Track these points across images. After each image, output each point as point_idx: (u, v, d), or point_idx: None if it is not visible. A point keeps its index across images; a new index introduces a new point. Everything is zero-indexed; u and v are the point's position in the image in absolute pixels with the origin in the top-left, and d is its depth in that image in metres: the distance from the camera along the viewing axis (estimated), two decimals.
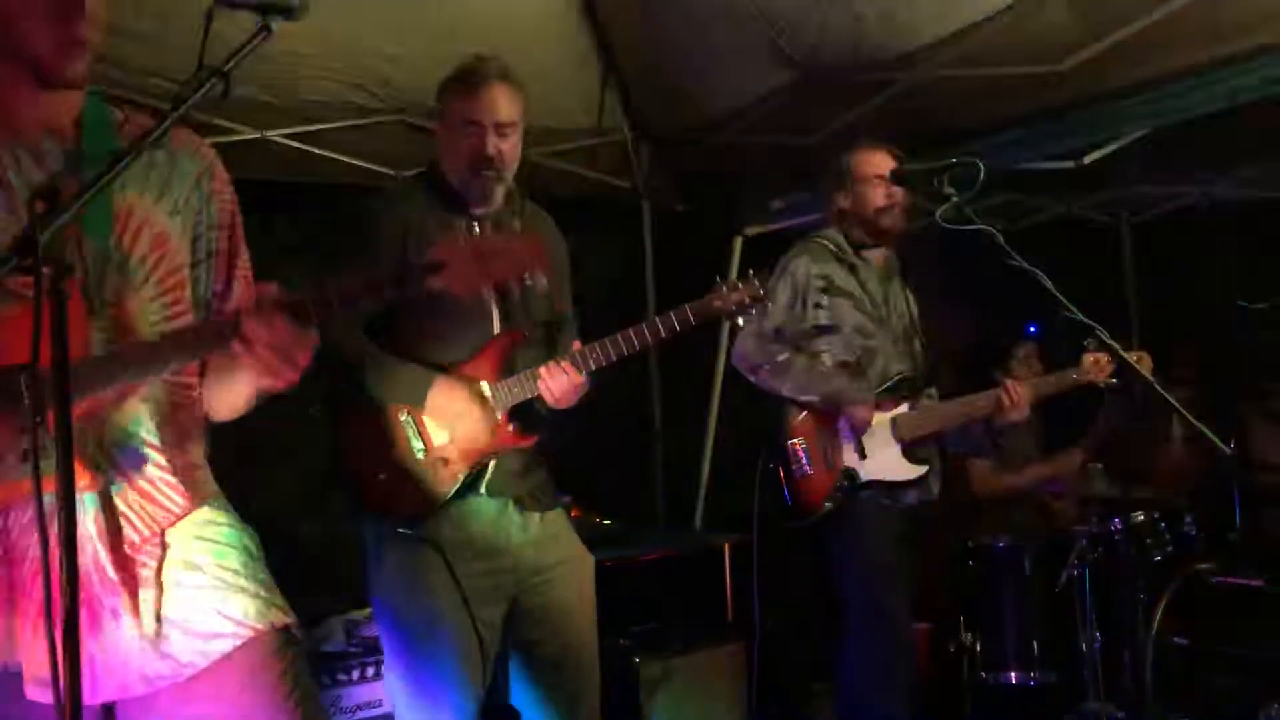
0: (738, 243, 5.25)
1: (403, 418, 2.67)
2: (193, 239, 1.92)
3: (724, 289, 2.71)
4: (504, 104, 2.68)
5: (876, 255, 3.69)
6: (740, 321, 2.75)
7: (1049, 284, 2.49)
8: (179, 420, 1.86)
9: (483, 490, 2.71)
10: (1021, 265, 2.53)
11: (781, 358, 3.50)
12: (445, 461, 2.66)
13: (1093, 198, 6.03)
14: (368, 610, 3.29)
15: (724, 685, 3.80)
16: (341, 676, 3.40)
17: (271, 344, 1.67)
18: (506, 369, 2.67)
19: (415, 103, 4.17)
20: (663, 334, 2.65)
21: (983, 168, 2.59)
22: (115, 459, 1.77)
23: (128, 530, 1.78)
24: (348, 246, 2.71)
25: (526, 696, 2.79)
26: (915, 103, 3.94)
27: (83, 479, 1.69)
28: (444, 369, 2.68)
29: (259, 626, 1.82)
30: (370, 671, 3.43)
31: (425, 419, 2.66)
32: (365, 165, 4.34)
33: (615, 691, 3.26)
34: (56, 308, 1.27)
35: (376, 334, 2.68)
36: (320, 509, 3.46)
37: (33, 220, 1.32)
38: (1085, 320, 2.47)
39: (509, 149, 2.71)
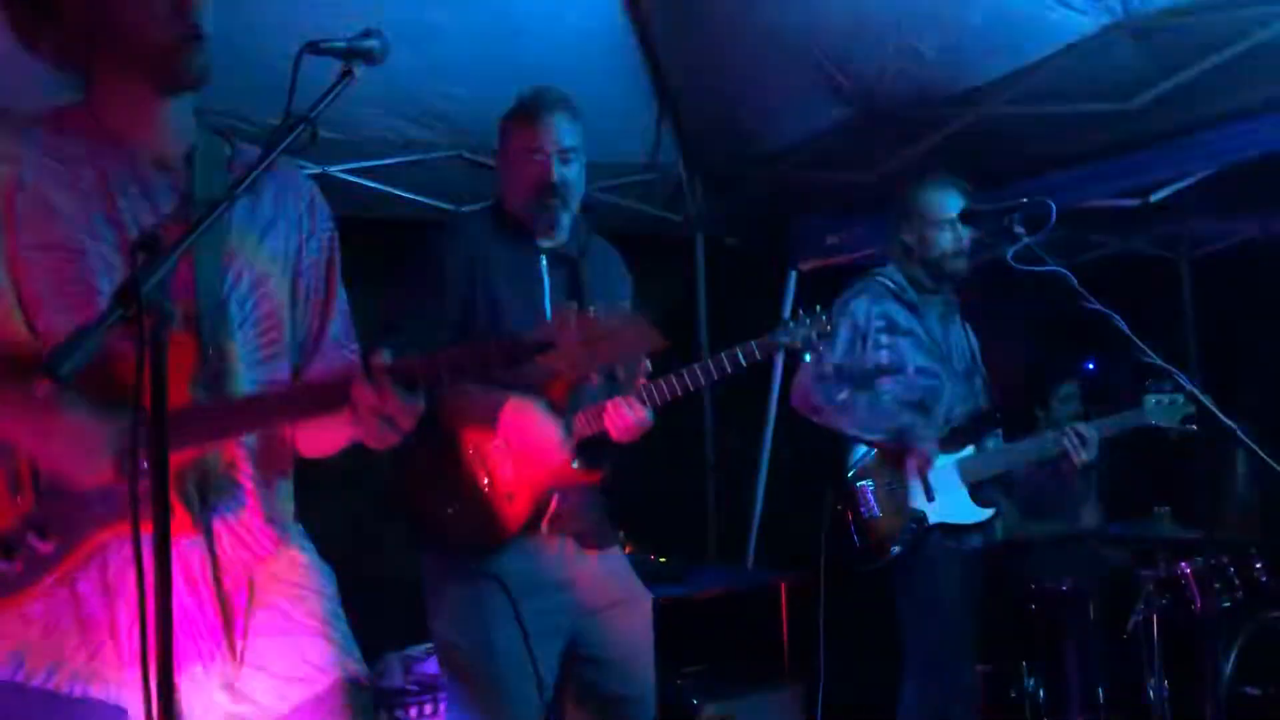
0: (792, 277, 5.22)
1: (470, 451, 2.66)
2: (293, 278, 1.91)
3: (790, 324, 2.68)
4: (565, 130, 2.70)
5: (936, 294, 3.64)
6: (805, 357, 2.71)
7: (1124, 326, 2.44)
8: (273, 461, 1.86)
9: (544, 527, 2.69)
10: (1097, 307, 2.49)
11: (843, 396, 3.46)
12: (511, 497, 2.65)
13: (1151, 233, 5.95)
14: (425, 646, 3.27)
15: None
16: (399, 714, 3.38)
17: (379, 411, 1.68)
18: (572, 403, 2.66)
19: (473, 139, 4.20)
20: (728, 369, 2.64)
21: (1054, 207, 2.55)
22: (214, 502, 1.77)
23: (220, 573, 1.77)
24: (413, 281, 2.71)
25: None
26: (977, 140, 3.91)
27: (182, 523, 1.70)
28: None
29: (335, 675, 1.81)
30: (428, 709, 3.40)
31: (492, 450, 2.65)
32: (424, 200, 4.37)
33: None
34: (156, 358, 1.26)
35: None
36: (376, 539, 3.45)
37: (135, 271, 1.32)
38: (1161, 363, 2.41)
39: (573, 176, 2.72)
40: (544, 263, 2.77)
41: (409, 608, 2.81)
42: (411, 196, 4.35)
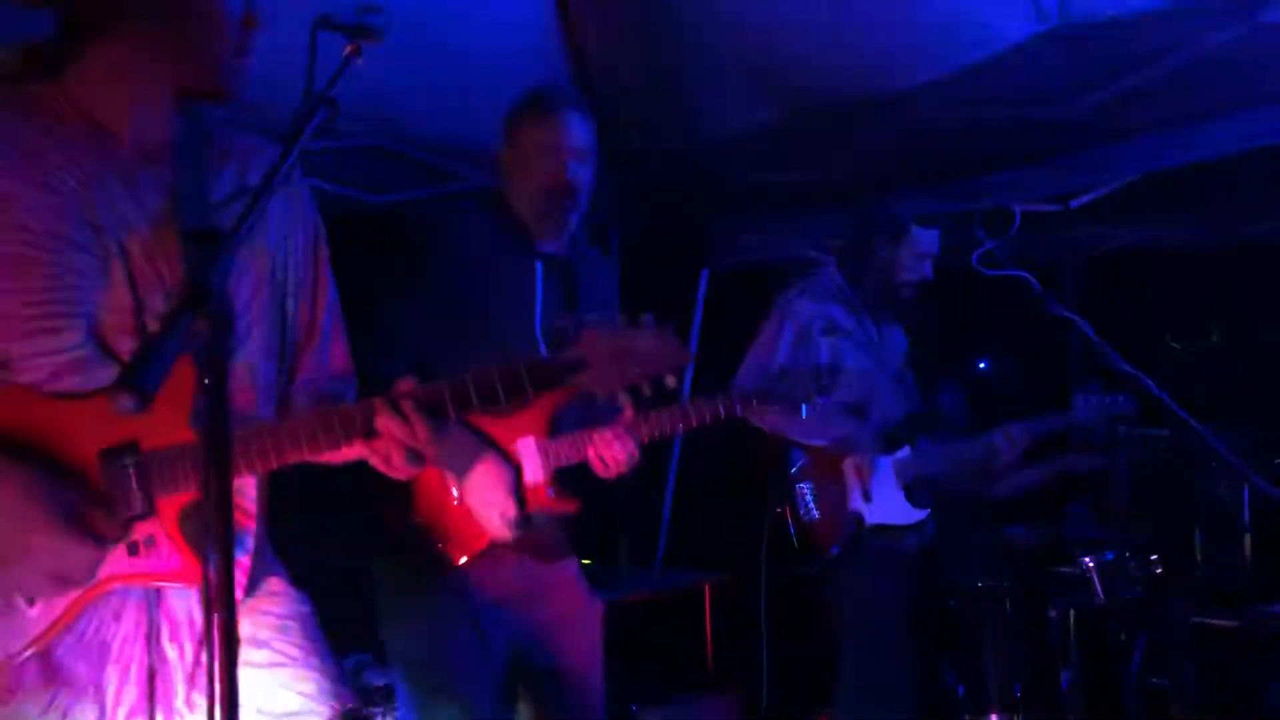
0: (704, 276, 5.19)
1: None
2: (285, 274, 1.78)
3: (790, 379, 2.70)
4: (583, 130, 2.61)
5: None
6: (802, 410, 2.65)
7: (1089, 330, 2.48)
8: (264, 490, 1.73)
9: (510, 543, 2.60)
10: (1060, 311, 2.52)
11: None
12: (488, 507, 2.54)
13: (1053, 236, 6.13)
14: (372, 656, 3.14)
15: None
16: None
17: (406, 442, 1.56)
18: (555, 425, 2.55)
19: (394, 127, 4.02)
20: (722, 415, 2.59)
21: (1018, 212, 2.57)
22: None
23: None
24: (401, 276, 2.56)
25: None
26: (905, 143, 3.93)
27: (194, 573, 1.54)
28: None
29: (330, 706, 1.70)
30: None
31: None
32: (339, 190, 4.16)
33: None
34: (218, 370, 1.12)
35: (425, 372, 2.52)
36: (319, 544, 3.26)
37: (198, 267, 1.17)
38: (1129, 369, 2.45)
39: (586, 178, 2.62)
40: (539, 269, 2.66)
41: (359, 614, 2.67)
42: (326, 186, 4.14)
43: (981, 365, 6.12)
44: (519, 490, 2.49)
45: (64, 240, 1.53)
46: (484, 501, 2.48)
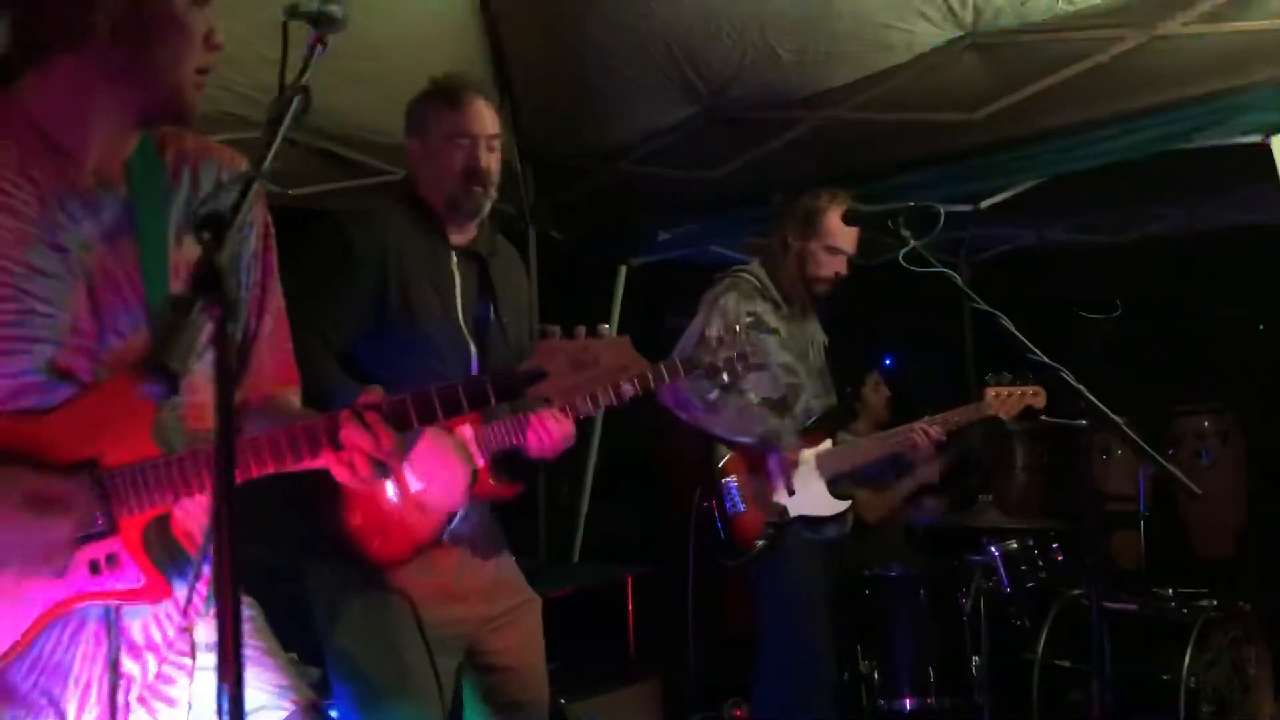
0: (622, 272, 5.24)
1: None
2: (237, 275, 1.75)
3: (712, 346, 2.57)
4: (490, 117, 2.61)
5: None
6: (725, 378, 2.66)
7: (1009, 324, 2.57)
8: None
9: (444, 538, 2.59)
10: (982, 306, 2.61)
11: (712, 396, 3.49)
12: (422, 509, 2.52)
13: (938, 239, 6.32)
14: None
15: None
16: None
17: (372, 454, 1.57)
18: (489, 412, 2.55)
19: (305, 119, 3.96)
20: (652, 386, 2.59)
21: (942, 212, 2.67)
22: (184, 562, 1.65)
23: (169, 632, 1.65)
24: (321, 269, 2.52)
25: None
26: (821, 143, 4.03)
27: (158, 591, 1.54)
28: None
29: (292, 701, 1.70)
30: None
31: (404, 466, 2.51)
32: None
33: None
34: (225, 357, 1.12)
35: (352, 366, 2.50)
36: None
37: (207, 252, 1.16)
38: (1047, 361, 2.55)
39: (496, 164, 2.62)
40: (454, 259, 2.65)
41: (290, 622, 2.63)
42: None
43: (887, 362, 6.29)
44: (465, 453, 2.48)
45: (27, 265, 1.51)
46: (437, 470, 2.46)
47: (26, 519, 1.46)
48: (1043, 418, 3.66)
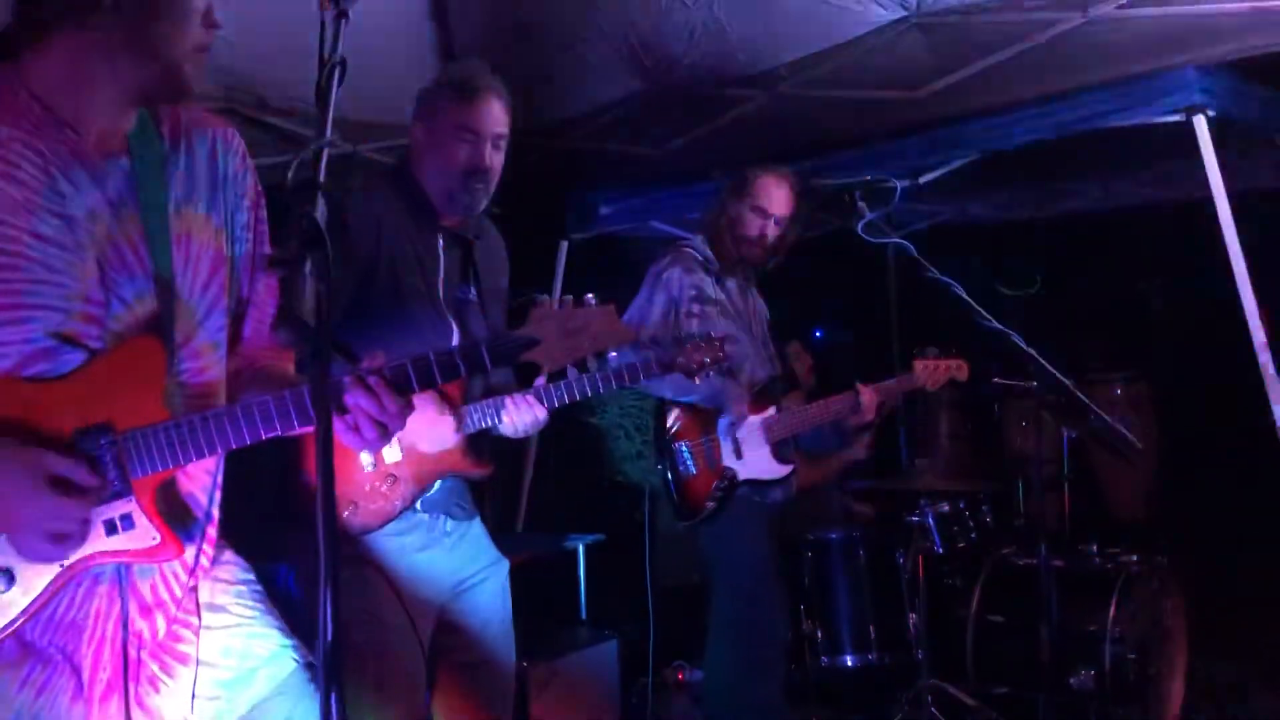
0: (563, 248, 5.29)
1: None
2: (232, 246, 1.79)
3: (688, 348, 2.69)
4: (502, 117, 2.66)
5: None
6: (696, 380, 2.75)
7: (962, 293, 2.71)
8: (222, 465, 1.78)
9: (419, 506, 2.65)
10: (936, 275, 2.75)
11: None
12: (394, 479, 2.58)
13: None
14: None
15: (602, 682, 3.85)
16: None
17: (376, 417, 1.62)
18: (468, 392, 2.61)
19: (244, 94, 3.95)
20: (627, 382, 2.68)
21: (899, 185, 2.79)
22: (191, 523, 1.70)
23: (176, 591, 1.70)
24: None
25: (446, 702, 2.76)
26: (767, 120, 4.12)
27: (171, 549, 1.60)
28: None
29: (294, 660, 1.76)
30: None
31: None
32: None
33: None
34: (326, 311, 1.19)
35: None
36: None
37: (305, 213, 1.22)
38: (1000, 327, 2.70)
39: (498, 163, 2.67)
40: (440, 241, 2.70)
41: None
42: None
43: (818, 334, 6.45)
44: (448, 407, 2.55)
45: (33, 234, 1.53)
46: (419, 424, 2.50)
47: (48, 500, 1.50)
48: (995, 380, 3.83)
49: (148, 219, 1.64)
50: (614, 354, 2.12)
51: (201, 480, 1.74)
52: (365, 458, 2.57)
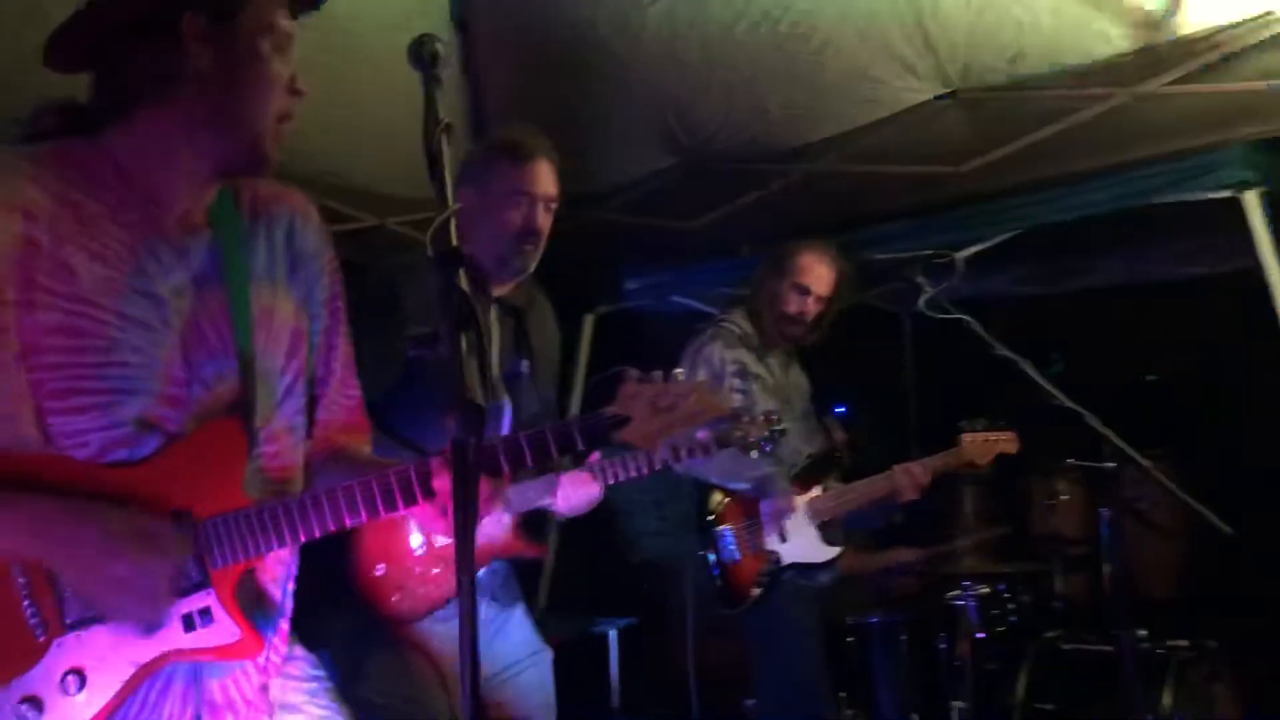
0: (588, 321, 5.23)
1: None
2: (311, 322, 1.71)
3: (744, 422, 2.61)
4: (553, 180, 2.61)
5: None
6: (752, 455, 2.66)
7: (1032, 371, 2.64)
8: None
9: None
10: (1005, 353, 2.67)
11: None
12: (446, 563, 2.49)
13: (878, 289, 6.45)
14: None
15: None
16: None
17: None
18: (521, 472, 2.52)
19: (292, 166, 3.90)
20: (684, 458, 2.61)
21: (959, 261, 2.73)
22: (268, 617, 1.60)
23: (247, 691, 1.61)
24: (367, 320, 2.47)
25: None
26: (801, 195, 4.09)
27: (253, 646, 1.51)
28: None
29: None
30: None
31: (428, 510, 2.46)
32: None
33: None
34: (483, 383, 1.12)
35: (374, 416, 2.45)
36: None
37: (455, 286, 1.15)
38: (1069, 404, 2.62)
39: (548, 226, 2.61)
40: (494, 313, 2.63)
41: None
42: None
43: (839, 410, 6.36)
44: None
45: (123, 315, 1.46)
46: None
47: (135, 554, 1.41)
48: (1069, 461, 3.74)
49: (231, 295, 1.57)
50: None
51: (275, 571, 1.65)
52: (416, 538, 2.47)
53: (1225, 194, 3.40)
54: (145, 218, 1.51)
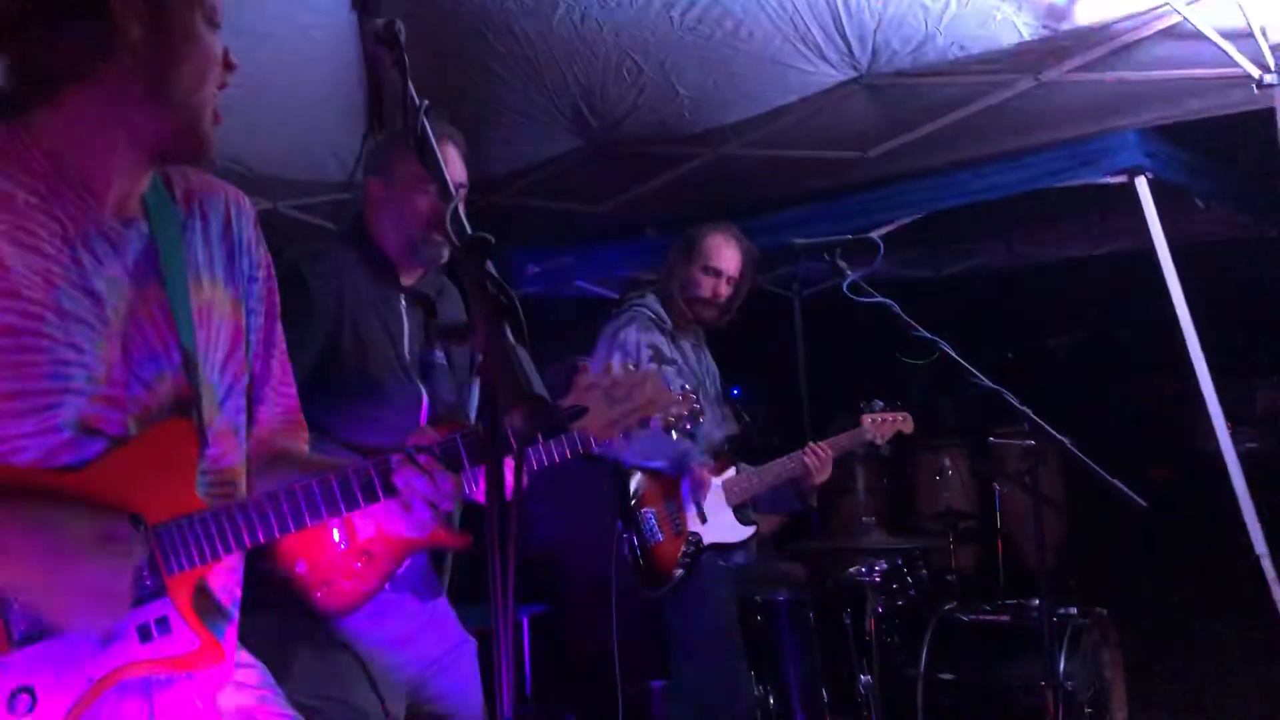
0: None
1: None
2: (248, 318, 1.63)
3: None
4: (460, 165, 2.52)
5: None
6: (673, 435, 2.65)
7: (950, 351, 2.70)
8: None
9: (387, 585, 2.48)
10: (923, 334, 2.73)
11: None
12: (370, 556, 2.40)
13: (773, 274, 6.54)
14: None
15: None
16: None
17: (431, 498, 1.49)
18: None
19: None
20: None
21: (881, 244, 2.77)
22: (220, 625, 1.51)
23: (197, 701, 1.54)
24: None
25: None
26: (709, 178, 4.11)
27: (212, 655, 1.44)
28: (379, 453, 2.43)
29: None
30: None
31: None
32: None
33: None
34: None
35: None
36: None
37: (488, 274, 1.09)
38: (990, 385, 2.69)
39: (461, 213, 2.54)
40: (403, 300, 2.55)
41: None
42: None
43: (735, 392, 6.44)
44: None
45: (58, 310, 1.36)
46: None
47: (95, 559, 1.33)
48: (991, 439, 3.84)
49: (171, 290, 1.48)
50: None
51: (223, 577, 1.57)
52: (335, 533, 2.39)
53: (1119, 179, 3.54)
54: (78, 207, 1.40)
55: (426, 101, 1.36)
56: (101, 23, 1.36)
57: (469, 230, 1.21)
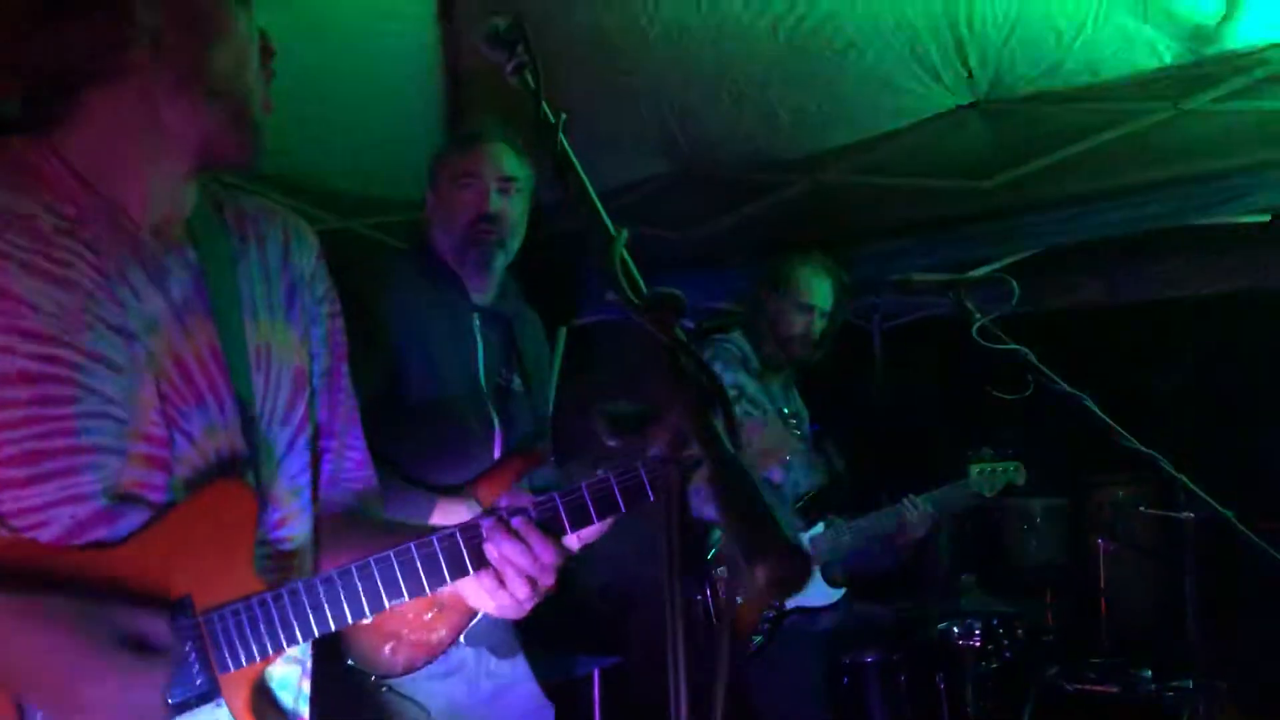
0: (561, 333, 4.94)
1: None
2: (313, 364, 1.41)
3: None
4: (506, 159, 2.36)
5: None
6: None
7: (1094, 407, 2.42)
8: None
9: (462, 639, 2.28)
10: (1063, 387, 2.45)
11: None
12: (439, 608, 2.21)
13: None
14: None
15: None
16: None
17: (527, 571, 1.27)
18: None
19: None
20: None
21: (1016, 286, 2.50)
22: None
23: None
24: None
25: None
26: (807, 207, 3.86)
27: None
28: (449, 490, 2.22)
29: None
30: None
31: None
32: None
33: None
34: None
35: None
36: None
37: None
38: (1143, 449, 2.40)
39: (513, 211, 2.34)
40: (477, 320, 2.35)
41: None
42: None
43: (814, 428, 6.15)
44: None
45: (90, 354, 1.16)
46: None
47: (121, 669, 1.10)
48: (1141, 509, 3.56)
49: (223, 329, 1.26)
50: None
51: (281, 669, 1.34)
52: None
53: (1262, 218, 3.24)
54: (112, 231, 1.20)
55: (565, 114, 1.14)
56: (112, 11, 1.16)
57: (641, 281, 0.95)
